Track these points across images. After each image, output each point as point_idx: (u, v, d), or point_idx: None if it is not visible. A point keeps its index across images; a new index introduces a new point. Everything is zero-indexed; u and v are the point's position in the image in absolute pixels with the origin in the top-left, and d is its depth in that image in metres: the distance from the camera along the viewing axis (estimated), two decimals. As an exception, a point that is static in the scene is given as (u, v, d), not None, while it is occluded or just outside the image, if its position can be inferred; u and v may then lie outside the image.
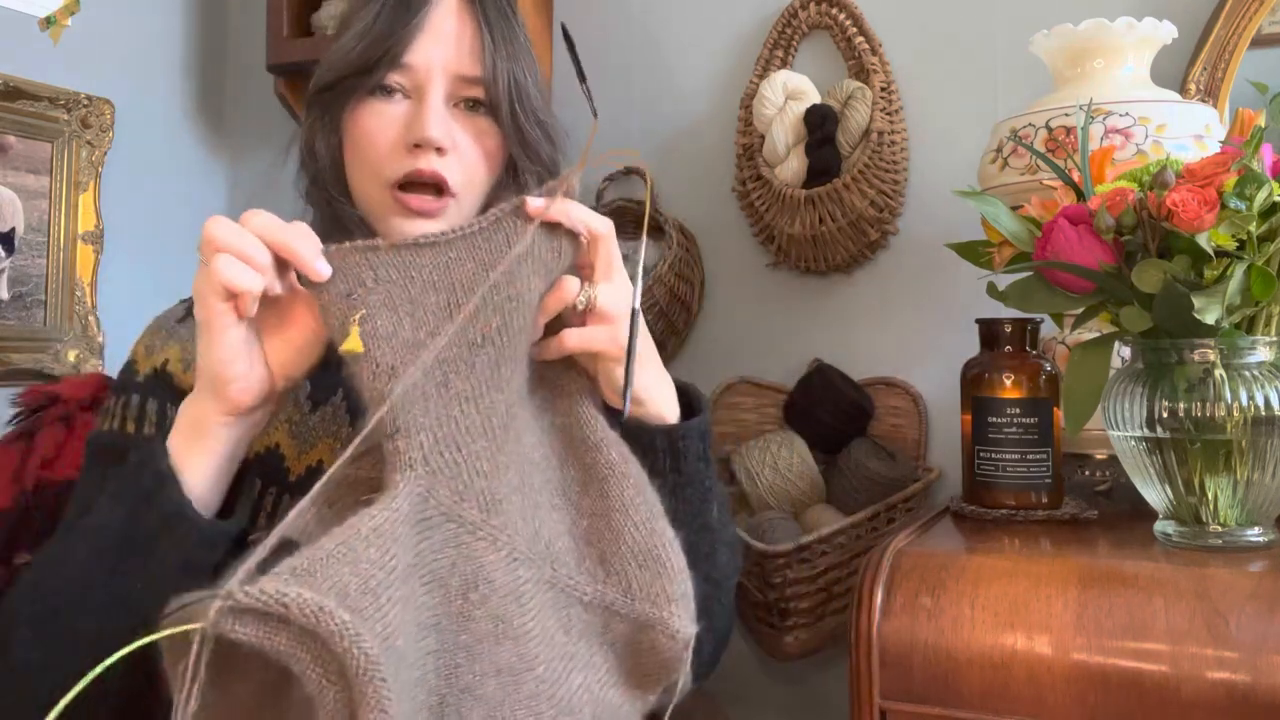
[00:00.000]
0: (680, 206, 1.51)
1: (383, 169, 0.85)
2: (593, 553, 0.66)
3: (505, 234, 0.65)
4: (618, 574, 0.65)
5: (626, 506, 0.66)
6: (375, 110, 0.85)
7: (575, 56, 0.81)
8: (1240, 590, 0.75)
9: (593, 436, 0.68)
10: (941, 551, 0.88)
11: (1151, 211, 0.82)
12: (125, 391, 0.83)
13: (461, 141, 0.86)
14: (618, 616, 0.66)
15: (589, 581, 0.65)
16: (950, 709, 0.79)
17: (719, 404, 1.46)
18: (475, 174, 0.87)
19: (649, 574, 0.65)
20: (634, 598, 0.65)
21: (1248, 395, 0.82)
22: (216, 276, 0.63)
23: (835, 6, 1.42)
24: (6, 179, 1.43)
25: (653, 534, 0.66)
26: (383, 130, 0.85)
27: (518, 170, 0.89)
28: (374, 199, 0.86)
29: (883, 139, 1.34)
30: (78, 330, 1.52)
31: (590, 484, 0.67)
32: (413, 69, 0.84)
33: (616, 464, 0.67)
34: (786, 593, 1.25)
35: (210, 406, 0.67)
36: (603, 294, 0.70)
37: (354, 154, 0.87)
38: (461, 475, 0.61)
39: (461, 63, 0.86)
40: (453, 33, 0.86)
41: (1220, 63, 1.21)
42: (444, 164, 0.84)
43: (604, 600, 0.65)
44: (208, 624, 0.48)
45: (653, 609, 0.65)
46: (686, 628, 0.66)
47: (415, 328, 0.62)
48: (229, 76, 1.80)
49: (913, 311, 1.40)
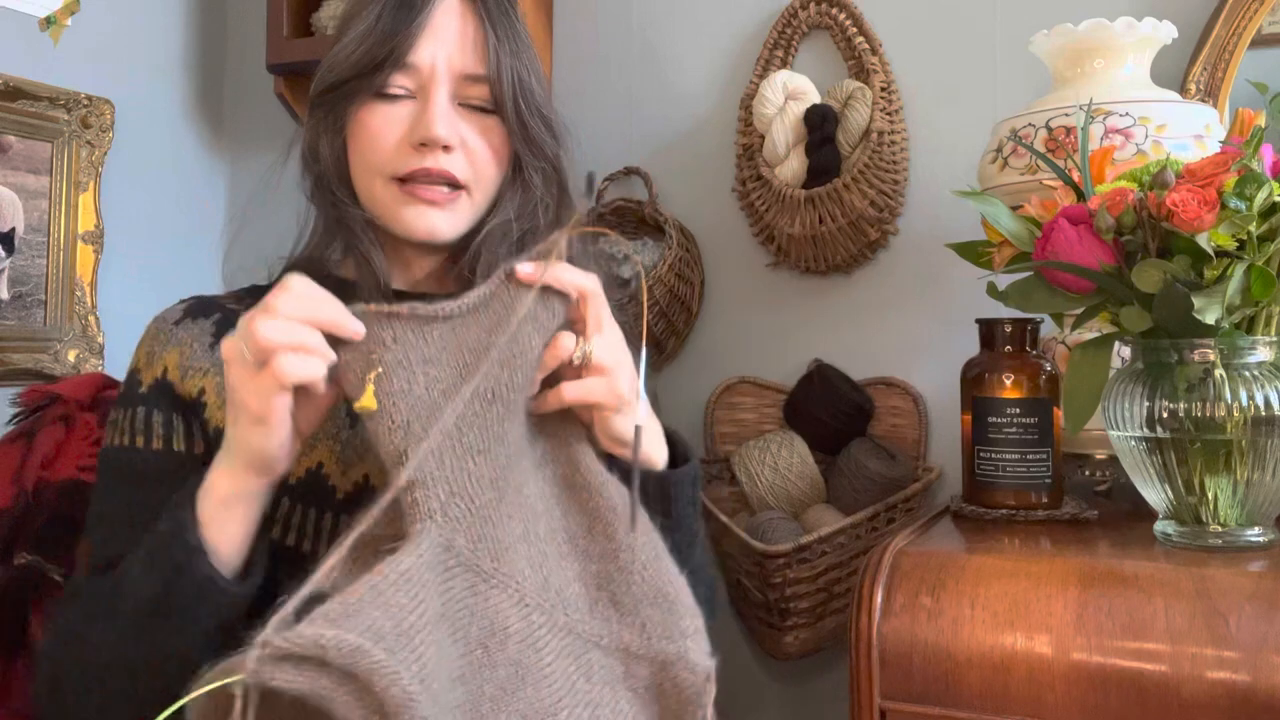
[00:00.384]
0: (680, 206, 1.51)
1: (387, 166, 0.85)
2: (604, 596, 0.67)
3: (503, 300, 0.68)
4: (631, 615, 0.66)
5: (633, 546, 0.67)
6: (380, 111, 0.85)
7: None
8: (1240, 590, 0.75)
9: (594, 481, 0.69)
10: (941, 551, 0.88)
11: (1151, 211, 0.82)
12: (130, 404, 0.84)
13: (468, 138, 0.86)
14: (637, 658, 0.66)
15: (604, 626, 0.66)
16: (950, 709, 0.79)
17: (719, 404, 1.46)
18: (484, 170, 0.88)
19: (662, 612, 0.66)
20: (650, 637, 0.66)
21: (1248, 395, 0.83)
22: (284, 378, 0.64)
23: (835, 6, 1.42)
24: (6, 179, 1.43)
25: (660, 573, 0.67)
26: (388, 130, 0.85)
27: (523, 166, 0.90)
28: (381, 196, 0.86)
29: (883, 139, 1.34)
30: (78, 330, 1.52)
31: (594, 528, 0.68)
32: (417, 69, 0.85)
33: (619, 507, 0.68)
34: (786, 593, 1.25)
35: (251, 481, 0.70)
36: (598, 348, 0.72)
37: (358, 154, 0.87)
38: (475, 525, 0.63)
39: (465, 61, 0.86)
40: (455, 31, 0.86)
41: (1220, 63, 1.21)
42: (450, 161, 0.85)
43: (621, 643, 0.66)
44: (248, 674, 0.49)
45: (670, 645, 0.66)
46: (705, 661, 0.67)
47: (428, 386, 0.64)
48: (229, 76, 1.80)
49: (913, 311, 1.40)
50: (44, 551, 1.01)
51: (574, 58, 1.57)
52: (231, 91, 1.80)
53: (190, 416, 0.83)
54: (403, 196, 0.85)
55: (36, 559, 1.01)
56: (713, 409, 1.46)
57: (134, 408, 0.83)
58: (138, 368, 0.86)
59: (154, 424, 0.83)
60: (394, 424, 0.63)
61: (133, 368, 0.87)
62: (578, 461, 0.70)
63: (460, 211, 0.87)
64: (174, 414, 0.83)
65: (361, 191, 0.88)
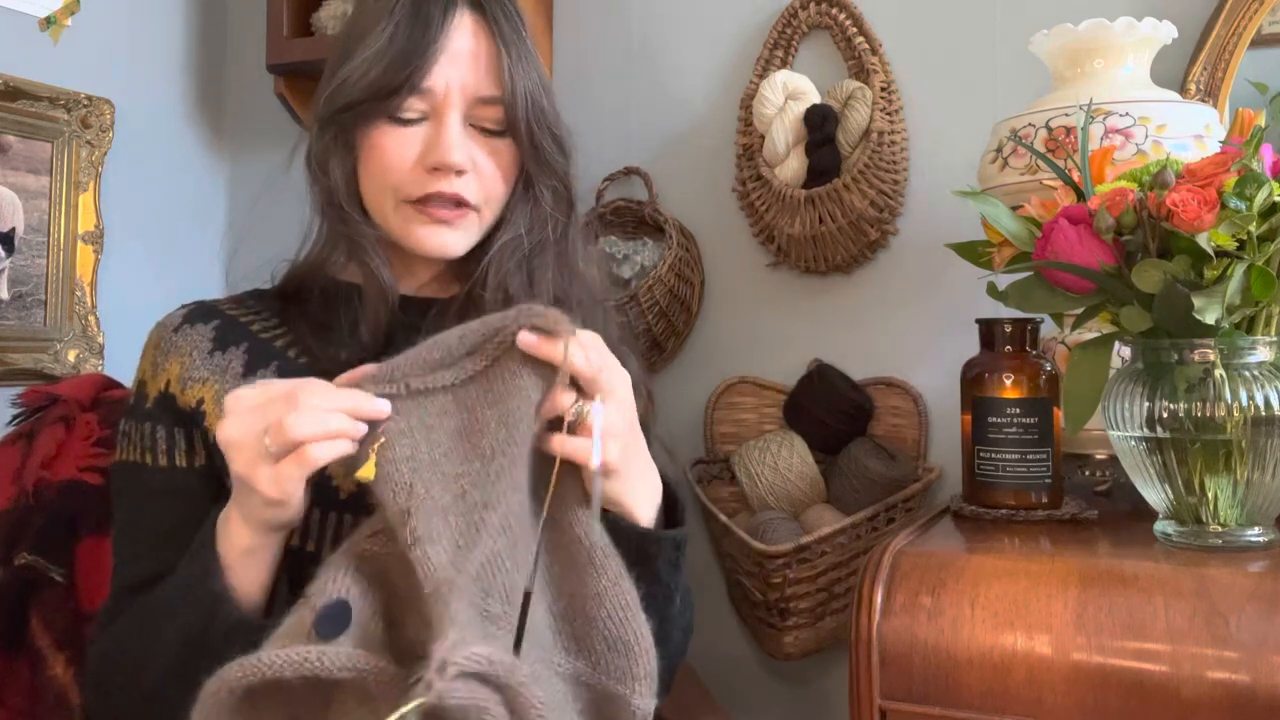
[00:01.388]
0: (680, 206, 1.51)
1: (401, 189, 0.86)
2: (568, 629, 0.71)
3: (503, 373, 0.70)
4: (588, 651, 0.71)
5: (601, 596, 0.71)
6: (393, 134, 0.86)
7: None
8: (1240, 590, 0.75)
9: (577, 528, 0.72)
10: (941, 551, 0.88)
11: (1151, 211, 0.82)
12: (138, 418, 0.86)
13: (480, 161, 0.87)
14: (585, 686, 0.70)
15: (563, 656, 0.71)
16: (950, 709, 0.79)
17: (719, 404, 1.46)
18: (493, 191, 0.89)
19: (617, 655, 0.70)
20: (602, 673, 0.70)
21: (1248, 395, 0.83)
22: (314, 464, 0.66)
23: (835, 6, 1.42)
24: (6, 179, 1.43)
25: (624, 623, 0.71)
26: (401, 153, 0.85)
27: (533, 183, 0.90)
28: (392, 216, 0.87)
29: (883, 139, 1.34)
30: (78, 330, 1.52)
31: (569, 572, 0.72)
32: (432, 93, 0.85)
33: (597, 559, 0.72)
34: (786, 593, 1.25)
35: (268, 538, 0.72)
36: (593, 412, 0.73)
37: (370, 175, 0.87)
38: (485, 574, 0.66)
39: (480, 85, 0.86)
40: (469, 53, 0.86)
41: (1220, 63, 1.21)
42: (463, 184, 0.86)
43: (574, 672, 0.70)
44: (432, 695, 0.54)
45: (618, 685, 0.70)
46: (647, 703, 0.71)
47: (431, 448, 0.68)
48: (229, 76, 1.80)
49: (913, 311, 1.40)
50: (44, 551, 1.01)
51: (574, 58, 1.57)
52: (231, 91, 1.80)
53: (191, 428, 0.85)
54: (415, 215, 0.86)
55: (36, 559, 1.01)
56: (713, 409, 1.46)
57: (141, 423, 0.86)
58: (144, 380, 0.88)
59: (158, 440, 0.85)
60: (397, 487, 0.66)
61: (139, 379, 0.89)
62: (565, 509, 0.73)
63: (470, 229, 0.89)
64: (175, 428, 0.85)
65: (373, 210, 0.89)
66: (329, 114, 0.87)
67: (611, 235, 1.51)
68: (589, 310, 0.93)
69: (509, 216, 0.91)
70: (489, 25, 0.87)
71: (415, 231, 0.87)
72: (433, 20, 0.85)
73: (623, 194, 1.53)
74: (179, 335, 0.87)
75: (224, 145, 1.79)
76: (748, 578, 1.28)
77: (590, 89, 1.57)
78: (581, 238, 0.96)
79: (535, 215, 0.91)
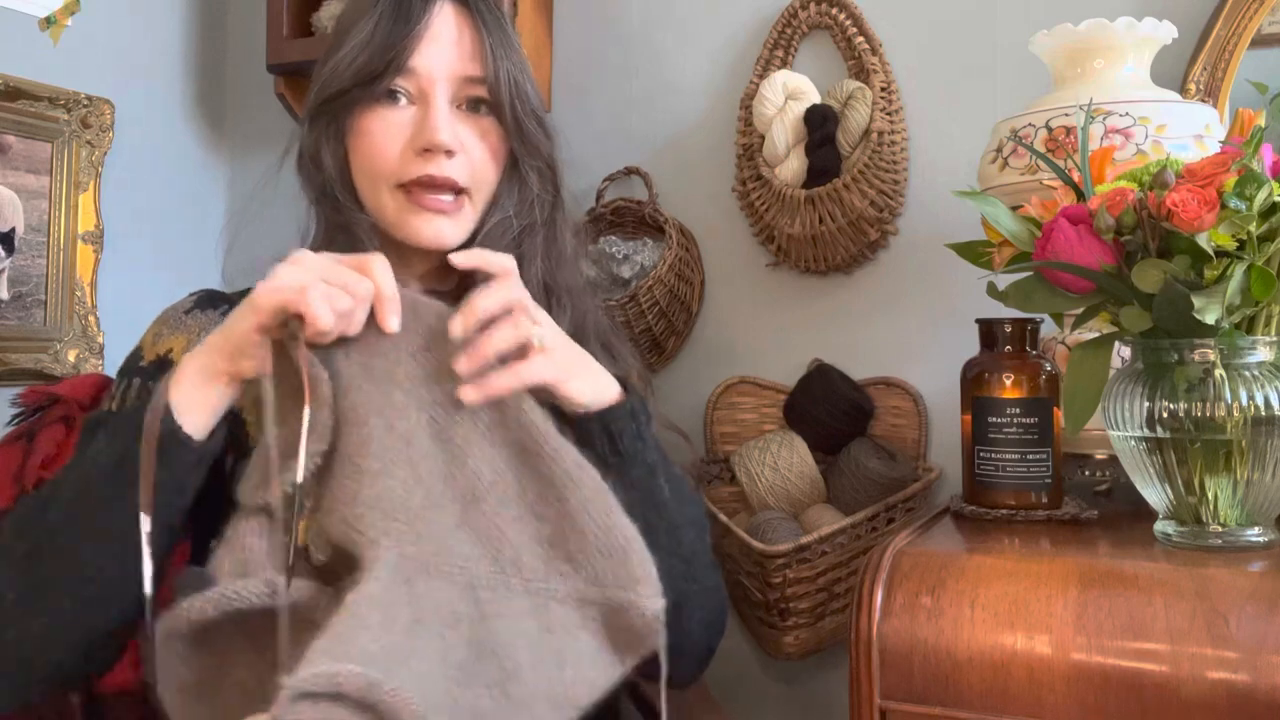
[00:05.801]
0: (680, 206, 1.51)
1: (392, 174, 0.87)
2: (558, 554, 0.71)
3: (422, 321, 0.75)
4: (584, 568, 0.71)
5: (585, 506, 0.71)
6: (381, 117, 0.87)
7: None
8: (1240, 590, 0.75)
9: (546, 448, 0.73)
10: (941, 551, 0.88)
11: (1151, 211, 0.82)
12: (128, 375, 0.86)
13: (468, 142, 0.88)
14: (591, 604, 0.71)
15: (560, 580, 0.71)
16: (950, 709, 0.79)
17: (719, 404, 1.46)
18: (483, 173, 0.90)
19: (614, 562, 0.71)
20: (604, 585, 0.71)
21: (1248, 395, 0.82)
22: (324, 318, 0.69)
23: (835, 6, 1.42)
24: (6, 179, 1.43)
25: (611, 529, 0.71)
26: (390, 136, 0.87)
27: (520, 164, 0.92)
28: (387, 204, 0.88)
29: (883, 139, 1.34)
30: (78, 330, 1.52)
31: (547, 492, 0.72)
32: (417, 74, 0.86)
33: (572, 471, 0.72)
34: (786, 593, 1.25)
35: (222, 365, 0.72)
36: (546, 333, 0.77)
37: (361, 161, 0.89)
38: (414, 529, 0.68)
39: (464, 65, 0.88)
40: (452, 37, 0.88)
41: (1220, 63, 1.21)
42: (453, 166, 0.87)
43: (576, 592, 0.71)
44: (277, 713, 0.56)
45: (622, 593, 0.70)
46: (655, 602, 0.71)
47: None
48: (229, 76, 1.80)
49: (913, 311, 1.40)
50: (44, 551, 1.01)
51: (574, 58, 1.57)
52: (231, 91, 1.80)
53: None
54: (409, 205, 0.87)
55: (36, 559, 1.01)
56: (713, 409, 1.46)
57: (130, 378, 0.85)
58: (142, 346, 0.88)
59: (134, 389, 0.84)
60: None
61: (137, 346, 0.89)
62: (529, 428, 0.73)
63: (465, 217, 0.90)
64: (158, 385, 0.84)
65: (366, 198, 0.90)
66: (318, 104, 0.89)
67: (611, 235, 1.51)
68: (577, 295, 0.95)
69: (498, 199, 0.92)
70: (470, 13, 0.89)
71: (410, 221, 0.87)
72: (414, 9, 0.87)
73: (623, 194, 1.53)
74: (189, 317, 0.88)
75: (224, 145, 1.79)
76: (748, 578, 1.28)
77: (590, 89, 1.57)
78: (567, 222, 0.97)
79: (522, 196, 0.92)
